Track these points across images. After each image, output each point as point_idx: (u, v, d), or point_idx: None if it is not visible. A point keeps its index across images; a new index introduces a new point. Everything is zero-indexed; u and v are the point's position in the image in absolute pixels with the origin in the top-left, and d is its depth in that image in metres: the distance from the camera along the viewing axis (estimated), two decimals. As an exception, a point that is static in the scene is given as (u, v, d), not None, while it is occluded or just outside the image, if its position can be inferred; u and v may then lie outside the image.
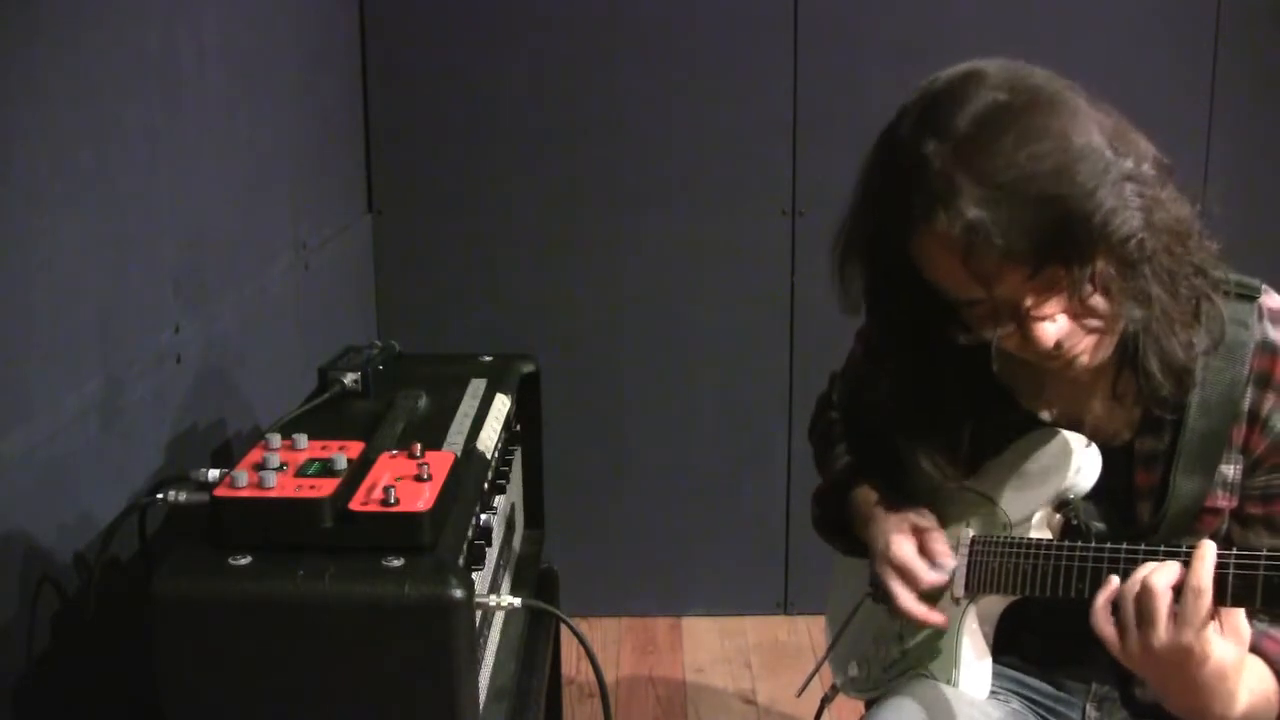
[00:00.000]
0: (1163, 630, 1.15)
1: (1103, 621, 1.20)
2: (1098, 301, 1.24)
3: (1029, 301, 1.23)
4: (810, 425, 1.76)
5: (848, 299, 1.37)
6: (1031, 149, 1.16)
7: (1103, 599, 1.21)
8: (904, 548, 1.44)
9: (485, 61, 2.89)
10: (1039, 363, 1.32)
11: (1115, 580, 1.21)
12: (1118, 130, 1.23)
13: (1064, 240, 1.17)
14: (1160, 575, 1.17)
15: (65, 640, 1.37)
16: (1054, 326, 1.24)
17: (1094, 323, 1.26)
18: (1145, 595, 1.17)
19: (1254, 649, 1.28)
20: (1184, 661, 1.16)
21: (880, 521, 1.49)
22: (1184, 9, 2.90)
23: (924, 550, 1.44)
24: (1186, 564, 1.17)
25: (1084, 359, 1.28)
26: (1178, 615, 1.15)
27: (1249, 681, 1.23)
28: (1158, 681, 1.21)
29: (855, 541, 1.55)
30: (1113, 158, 1.19)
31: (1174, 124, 2.92)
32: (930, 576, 1.42)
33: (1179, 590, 1.16)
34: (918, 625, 1.46)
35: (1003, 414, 1.44)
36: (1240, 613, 1.17)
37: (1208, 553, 1.15)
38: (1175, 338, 1.28)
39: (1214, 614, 1.16)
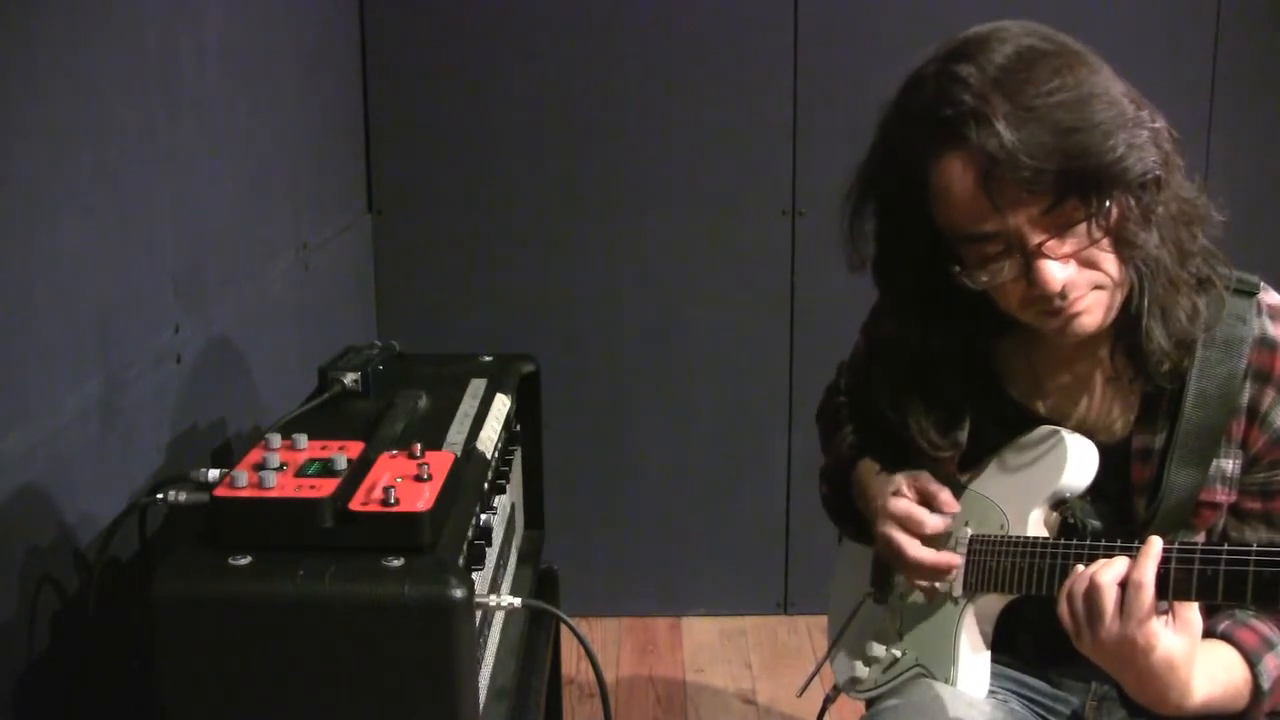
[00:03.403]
0: (1108, 623, 1.19)
1: (1063, 613, 1.24)
2: (1105, 252, 1.25)
3: (1039, 238, 1.23)
4: (818, 410, 1.76)
5: (856, 254, 1.38)
6: (1062, 81, 1.21)
7: (1064, 590, 1.24)
8: (902, 500, 1.45)
9: (485, 61, 2.89)
10: (1038, 325, 1.32)
11: (1080, 568, 1.24)
12: (1136, 96, 1.27)
13: (1084, 173, 1.20)
14: (1106, 571, 1.21)
15: (65, 640, 1.37)
16: (1062, 269, 1.25)
17: (1099, 277, 1.27)
18: (1091, 590, 1.21)
19: (1228, 638, 1.32)
20: (1130, 652, 1.19)
21: (878, 486, 1.49)
22: (1184, 9, 2.90)
23: (924, 500, 1.45)
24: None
25: (1085, 319, 1.29)
26: (1122, 608, 1.19)
27: (1210, 670, 1.26)
28: (1113, 671, 1.25)
29: (862, 523, 1.55)
30: (1132, 110, 1.24)
31: (1174, 124, 2.92)
32: (933, 520, 1.42)
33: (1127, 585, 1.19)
34: (914, 608, 1.46)
35: (999, 408, 1.44)
36: (1193, 606, 1.20)
37: (1153, 549, 1.19)
38: (1179, 305, 1.30)
39: (1169, 608, 1.19)
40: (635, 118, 2.92)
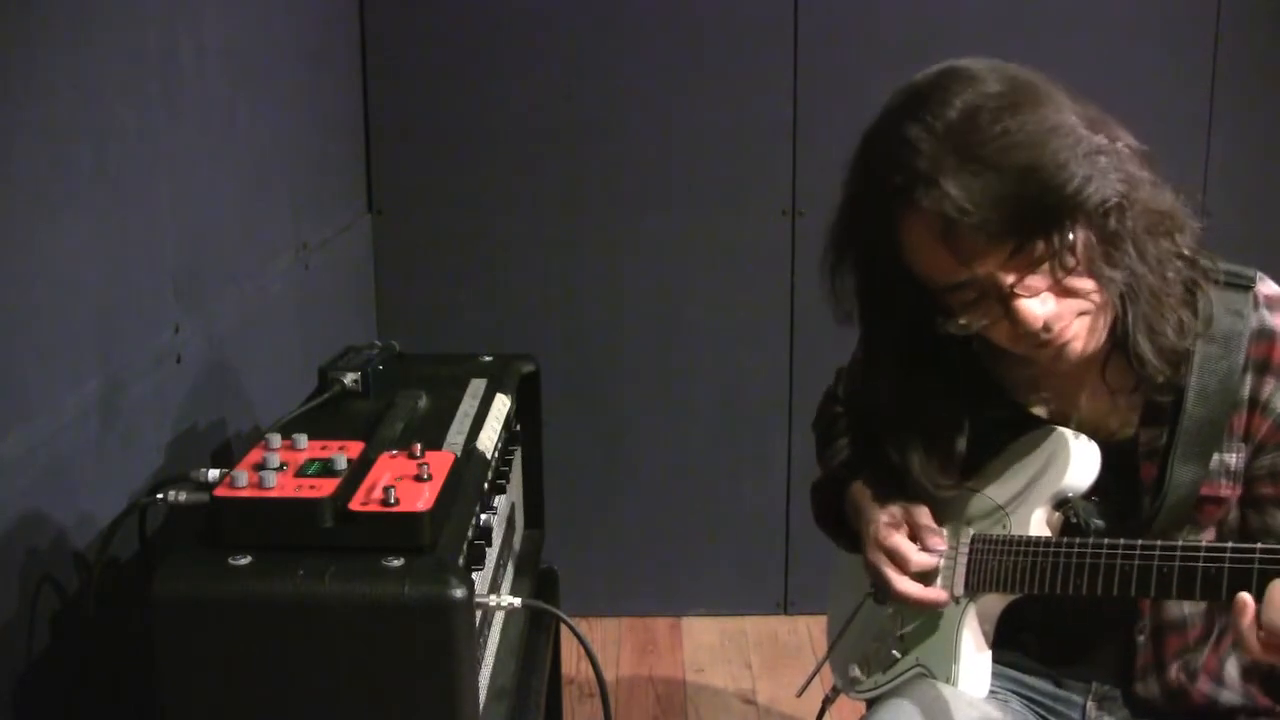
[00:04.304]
0: None
1: (1260, 650, 1.14)
2: (1082, 279, 1.25)
3: (1012, 279, 1.23)
4: (815, 417, 1.76)
5: (840, 308, 1.38)
6: (1006, 124, 1.20)
7: (1249, 626, 1.14)
8: (894, 534, 1.45)
9: (485, 61, 2.89)
10: (1031, 356, 1.32)
11: (1249, 601, 1.14)
12: (1094, 116, 1.26)
13: (1040, 211, 1.20)
14: None
15: (65, 640, 1.37)
16: (1040, 305, 1.25)
17: (1081, 303, 1.27)
18: None
19: None
20: None
21: (871, 511, 1.49)
22: (1184, 8, 2.90)
23: (914, 536, 1.45)
24: None
25: (1075, 345, 1.29)
26: None
27: None
28: None
29: (856, 537, 1.55)
30: (1087, 134, 1.23)
31: (1174, 123, 2.92)
32: (919, 558, 1.43)
33: None
34: (915, 609, 1.46)
35: (1000, 411, 1.44)
36: None
37: None
38: (1166, 320, 1.29)
39: None
40: (635, 118, 2.92)
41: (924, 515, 1.46)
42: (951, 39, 2.66)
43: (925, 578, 1.44)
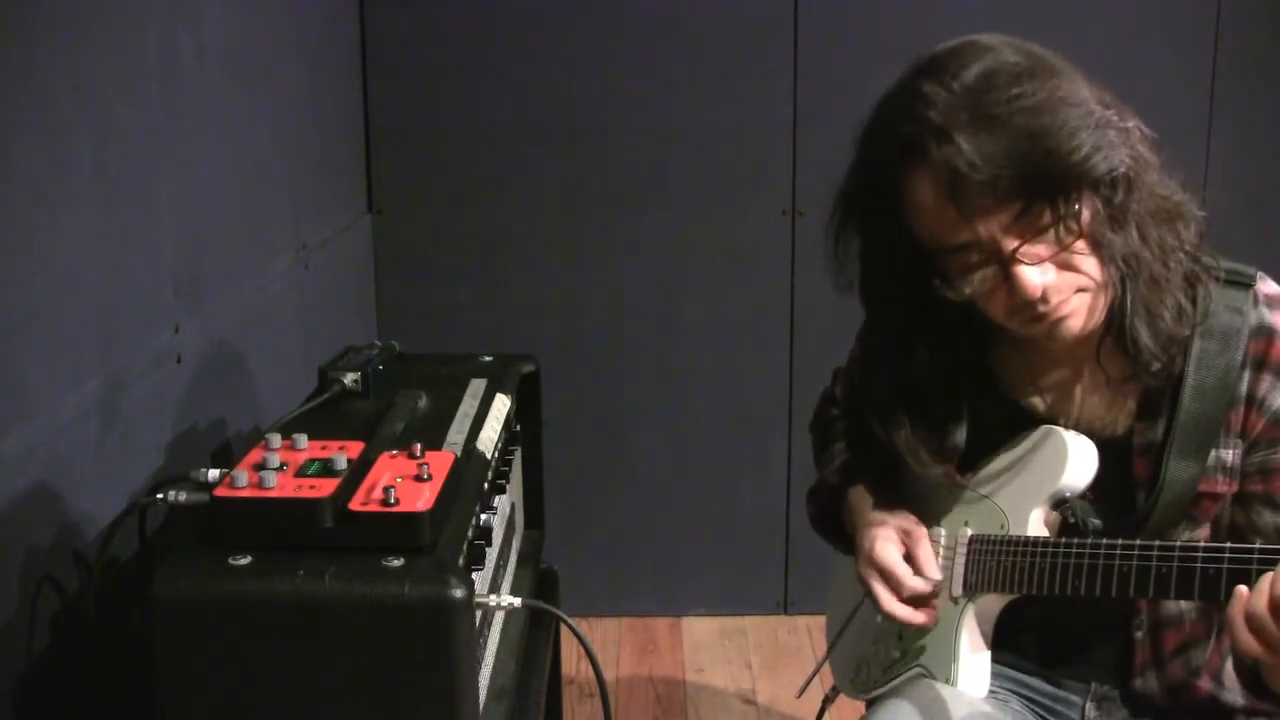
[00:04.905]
0: None
1: (1246, 637, 1.15)
2: (1084, 254, 1.26)
3: (1014, 244, 1.24)
4: (812, 419, 1.76)
5: (842, 275, 1.38)
6: (1023, 89, 1.21)
7: (1239, 612, 1.15)
8: (889, 551, 1.44)
9: (485, 61, 2.89)
10: (1026, 332, 1.32)
11: (1245, 590, 1.15)
12: (1109, 99, 1.27)
13: (1047, 175, 1.20)
14: None
15: (65, 640, 1.37)
16: (1040, 274, 1.25)
17: (1081, 279, 1.27)
18: None
19: None
20: None
21: (869, 524, 1.49)
22: (1184, 8, 2.90)
23: (910, 557, 1.45)
24: None
25: (1072, 322, 1.29)
26: None
27: None
28: None
29: (853, 541, 1.55)
30: (1099, 108, 1.24)
31: (1174, 123, 2.92)
32: (912, 582, 1.42)
33: None
34: (902, 626, 1.46)
35: (997, 409, 1.44)
36: None
37: None
38: (1164, 304, 1.30)
39: None
40: (635, 118, 2.92)
41: (922, 539, 1.46)
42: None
43: (913, 599, 1.44)
